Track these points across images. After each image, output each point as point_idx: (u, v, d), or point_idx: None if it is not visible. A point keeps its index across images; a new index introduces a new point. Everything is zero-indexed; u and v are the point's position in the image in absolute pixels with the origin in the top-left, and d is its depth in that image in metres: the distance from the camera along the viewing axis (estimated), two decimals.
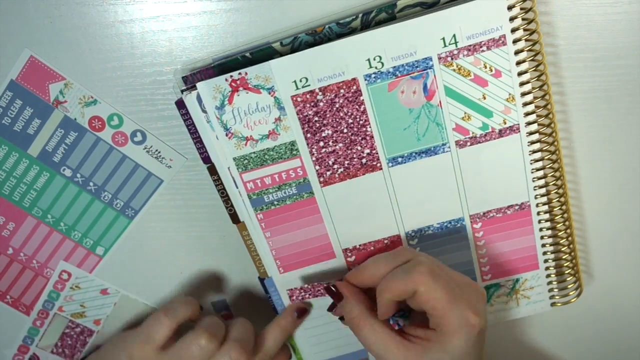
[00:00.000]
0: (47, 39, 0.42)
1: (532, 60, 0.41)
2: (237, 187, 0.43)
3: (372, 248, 0.46)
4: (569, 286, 0.49)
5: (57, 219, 0.48)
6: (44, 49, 0.42)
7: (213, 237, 0.49)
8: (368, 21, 0.40)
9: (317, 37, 0.41)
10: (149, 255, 0.50)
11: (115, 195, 0.47)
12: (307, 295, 0.47)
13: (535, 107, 0.42)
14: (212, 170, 0.43)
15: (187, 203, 0.48)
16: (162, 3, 0.41)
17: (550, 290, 0.49)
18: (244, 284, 0.51)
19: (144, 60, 0.43)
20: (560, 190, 0.45)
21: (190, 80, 0.42)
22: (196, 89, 0.40)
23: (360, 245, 0.46)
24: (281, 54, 0.41)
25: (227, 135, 0.42)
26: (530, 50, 0.41)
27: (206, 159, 0.43)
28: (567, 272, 0.48)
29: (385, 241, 0.46)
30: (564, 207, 0.46)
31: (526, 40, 0.40)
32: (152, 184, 0.47)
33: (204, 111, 0.41)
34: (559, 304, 0.50)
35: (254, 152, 0.42)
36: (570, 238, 0.47)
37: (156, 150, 0.46)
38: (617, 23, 0.42)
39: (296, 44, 0.41)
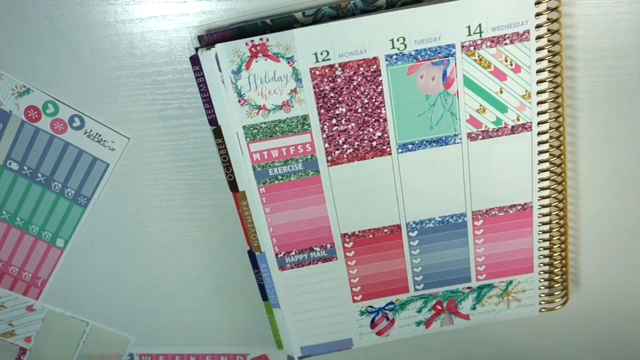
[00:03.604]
0: (47, 39, 0.41)
1: (550, 59, 0.41)
2: (242, 155, 0.42)
3: (370, 236, 0.46)
4: (556, 293, 0.49)
5: (12, 214, 0.47)
6: (44, 49, 0.42)
7: (213, 237, 0.48)
8: (394, 1, 0.40)
9: (341, 11, 0.40)
10: (148, 255, 0.49)
11: (65, 184, 0.46)
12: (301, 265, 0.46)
13: (549, 107, 0.42)
14: (218, 134, 0.41)
15: (187, 203, 0.47)
16: (162, 3, 0.41)
17: (540, 295, 0.49)
18: (244, 284, 0.50)
19: (144, 60, 0.42)
20: (560, 196, 0.45)
21: (206, 40, 0.40)
22: (214, 47, 0.39)
23: (359, 232, 0.45)
24: (302, 24, 0.40)
25: (239, 101, 0.41)
26: (549, 50, 0.41)
27: (213, 121, 0.41)
28: (556, 278, 0.48)
29: (385, 230, 0.45)
30: (561, 213, 0.46)
31: (548, 40, 0.40)
32: (98, 168, 0.46)
33: (220, 70, 0.40)
34: (544, 310, 0.50)
35: (264, 123, 0.41)
36: (563, 245, 0.47)
37: (97, 134, 0.44)
38: (617, 23, 0.42)
39: (319, 16, 0.40)
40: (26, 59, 0.42)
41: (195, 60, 0.40)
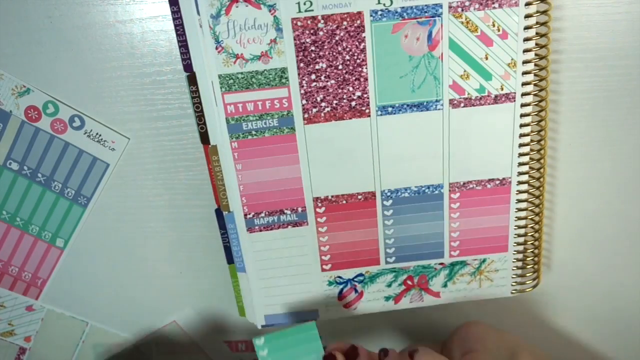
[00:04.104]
0: (47, 39, 0.42)
1: (538, 28, 0.40)
2: (216, 106, 0.40)
3: (344, 202, 0.44)
4: (528, 274, 0.48)
5: (12, 214, 0.46)
6: (44, 48, 0.42)
7: (213, 237, 0.47)
8: None
9: None
10: (148, 255, 0.49)
11: (65, 184, 0.46)
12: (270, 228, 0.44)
13: (535, 76, 0.41)
14: (192, 80, 0.40)
15: (187, 203, 0.47)
16: (162, 3, 0.41)
17: (512, 276, 0.48)
18: None
19: (144, 60, 0.42)
20: (537, 174, 0.44)
21: None
22: None
23: (332, 197, 0.44)
24: None
25: (217, 48, 0.39)
26: (537, 21, 0.40)
27: (187, 67, 0.39)
28: (528, 259, 0.47)
29: (359, 197, 0.44)
30: (536, 192, 0.45)
31: (537, 9, 0.39)
32: (99, 168, 0.45)
33: (198, 13, 0.38)
34: (514, 292, 0.49)
35: (241, 73, 0.40)
36: (537, 226, 0.46)
37: (97, 134, 0.44)
38: (617, 23, 0.42)
39: None
40: (26, 59, 0.42)
41: (173, 1, 0.38)
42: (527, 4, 0.39)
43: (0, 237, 0.47)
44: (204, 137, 0.42)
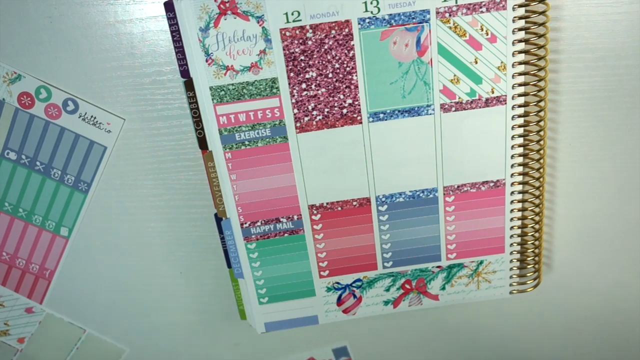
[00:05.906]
0: (47, 39, 0.42)
1: (533, 30, 0.40)
2: (208, 119, 0.41)
3: (339, 209, 0.44)
4: (528, 274, 0.48)
5: (14, 205, 0.46)
6: (44, 48, 0.42)
7: (213, 237, 0.48)
8: None
9: None
10: (148, 255, 0.49)
11: (64, 171, 0.45)
12: (266, 237, 0.45)
13: (526, 80, 0.41)
14: (189, 86, 0.40)
15: (187, 203, 0.47)
16: (161, 3, 0.41)
17: (511, 277, 0.48)
18: None
19: (144, 60, 0.43)
20: (537, 174, 0.44)
21: None
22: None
23: (327, 204, 0.44)
24: None
25: (207, 61, 0.39)
26: (529, 21, 0.40)
27: (184, 73, 0.40)
28: (528, 259, 0.47)
29: (354, 203, 0.44)
30: (536, 192, 0.45)
31: (527, 10, 0.39)
32: (96, 152, 0.45)
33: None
34: (515, 292, 0.49)
35: (232, 84, 0.40)
36: (537, 226, 0.46)
37: (92, 117, 0.44)
38: (617, 23, 0.42)
39: None
40: (26, 58, 0.42)
41: (169, 7, 0.38)
42: (520, 6, 0.39)
43: (5, 229, 0.47)
44: (202, 143, 0.42)
